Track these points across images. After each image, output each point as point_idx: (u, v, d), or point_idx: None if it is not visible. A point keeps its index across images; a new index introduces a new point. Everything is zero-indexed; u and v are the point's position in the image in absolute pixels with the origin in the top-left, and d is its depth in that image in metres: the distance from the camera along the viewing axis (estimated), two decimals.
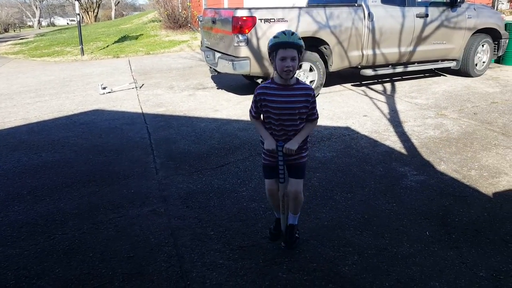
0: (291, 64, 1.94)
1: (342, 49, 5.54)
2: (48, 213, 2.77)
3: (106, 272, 2.15)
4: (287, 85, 2.03)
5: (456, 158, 3.51)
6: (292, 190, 2.16)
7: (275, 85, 2.06)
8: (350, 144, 3.91)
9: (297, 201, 2.21)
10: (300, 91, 2.05)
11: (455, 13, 6.22)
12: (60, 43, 14.87)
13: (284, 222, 2.28)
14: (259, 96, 2.08)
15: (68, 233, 2.52)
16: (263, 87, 2.09)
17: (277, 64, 1.97)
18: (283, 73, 1.96)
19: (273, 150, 2.06)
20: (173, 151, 3.86)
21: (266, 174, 2.23)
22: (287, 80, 2.01)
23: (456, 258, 2.20)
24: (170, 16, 14.79)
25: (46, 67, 9.82)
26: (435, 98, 5.53)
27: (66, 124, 4.84)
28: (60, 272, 2.16)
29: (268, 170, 2.20)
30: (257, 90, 2.10)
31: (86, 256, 2.29)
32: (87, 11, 36.09)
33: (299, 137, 2.09)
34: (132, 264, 2.21)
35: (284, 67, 1.94)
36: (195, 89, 6.54)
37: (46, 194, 3.05)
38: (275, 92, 2.04)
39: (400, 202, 2.79)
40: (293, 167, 2.16)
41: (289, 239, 2.27)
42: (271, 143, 2.07)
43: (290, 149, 2.03)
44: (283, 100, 2.03)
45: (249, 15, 4.97)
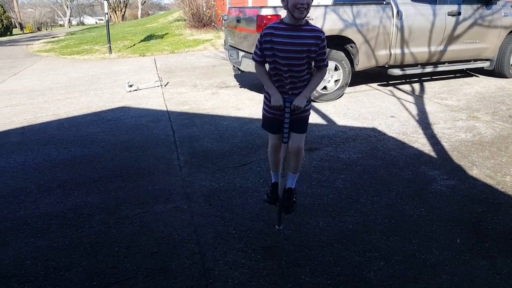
0: (305, 1, 1.80)
1: (369, 48, 5.41)
2: (76, 206, 2.84)
3: (130, 266, 2.18)
4: (296, 26, 1.90)
5: (489, 163, 3.36)
6: (295, 146, 2.06)
7: (283, 25, 1.92)
8: (377, 145, 3.81)
9: (299, 157, 2.11)
10: (310, 32, 1.92)
11: (490, 11, 5.97)
12: (89, 41, 15.29)
13: (282, 186, 2.19)
14: (265, 37, 1.94)
15: (95, 226, 2.58)
16: (270, 27, 1.95)
17: (290, 1, 1.82)
18: (296, 11, 1.82)
19: (280, 107, 1.95)
20: (196, 148, 3.88)
21: (270, 128, 2.13)
22: (298, 20, 1.87)
23: (490, 268, 2.10)
24: (195, 15, 14.92)
25: (75, 65, 10.12)
26: (466, 100, 5.33)
27: (95, 120, 4.96)
28: (87, 265, 2.21)
29: (272, 125, 2.10)
30: (264, 31, 1.95)
31: (112, 250, 2.32)
32: (115, 11, 36.95)
33: (307, 91, 1.98)
34: (156, 260, 2.22)
35: (298, 4, 1.80)
36: (218, 88, 6.57)
37: (75, 188, 3.13)
38: (283, 33, 1.90)
39: (429, 207, 2.69)
40: (297, 121, 2.05)
41: (287, 202, 2.20)
42: (278, 98, 1.95)
43: (298, 106, 1.93)
44: (291, 42, 1.89)
45: (274, 13, 4.93)
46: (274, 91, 1.98)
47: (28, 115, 5.28)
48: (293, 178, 2.22)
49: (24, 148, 4.04)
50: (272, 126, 2.11)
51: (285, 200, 2.20)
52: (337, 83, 5.42)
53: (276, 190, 2.23)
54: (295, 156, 2.11)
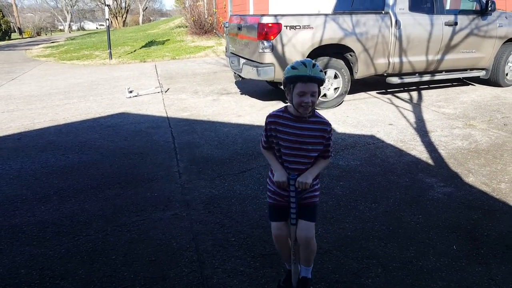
0: (310, 100, 1.71)
1: (368, 57, 5.47)
2: (73, 214, 2.83)
3: (128, 275, 2.17)
4: (301, 118, 1.81)
5: (485, 171, 3.39)
6: (303, 236, 1.85)
7: (288, 115, 1.82)
8: (375, 153, 3.84)
9: (309, 249, 1.90)
10: (316, 125, 1.82)
11: (485, 22, 6.05)
12: (89, 47, 15.34)
13: (295, 274, 1.95)
14: (270, 125, 1.84)
15: (92, 234, 2.57)
16: (275, 116, 1.85)
17: (294, 98, 1.73)
18: (301, 108, 1.74)
19: (284, 183, 1.80)
20: (196, 155, 3.89)
21: (273, 216, 1.94)
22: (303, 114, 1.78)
23: (485, 274, 2.12)
24: (196, 22, 15.03)
25: (75, 70, 10.15)
26: (463, 108, 5.38)
27: (93, 126, 4.97)
28: (83, 274, 2.19)
29: (275, 211, 1.92)
30: (269, 119, 1.86)
31: (109, 259, 2.31)
32: (116, 16, 37.13)
33: (312, 170, 1.85)
34: (154, 268, 2.22)
35: (303, 102, 1.71)
36: (219, 94, 6.60)
37: (72, 195, 3.12)
38: (288, 123, 1.81)
39: (426, 214, 2.71)
40: (304, 207, 1.87)
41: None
42: (282, 174, 1.82)
43: (304, 182, 1.78)
44: (296, 133, 1.80)
45: (275, 21, 4.98)
46: (278, 167, 1.86)
47: (25, 121, 5.28)
48: (307, 270, 1.99)
49: (20, 155, 4.02)
50: (274, 212, 1.93)
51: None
52: (337, 90, 5.47)
53: (289, 279, 1.99)
54: (305, 247, 1.89)
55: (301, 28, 5.05)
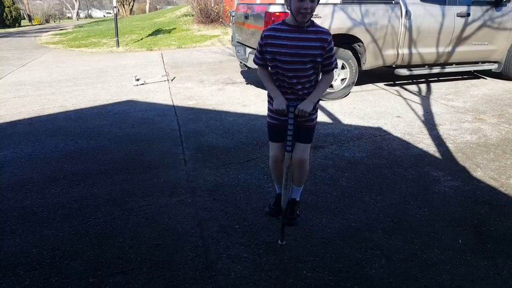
0: (309, 5, 1.66)
1: (376, 47, 5.40)
2: (82, 197, 2.88)
3: (135, 257, 2.21)
4: (300, 27, 1.74)
5: (494, 165, 3.35)
6: (298, 157, 1.89)
7: (286, 27, 1.76)
8: (381, 145, 3.82)
9: (302, 169, 1.95)
10: (316, 34, 1.75)
11: (499, 13, 5.92)
12: (97, 34, 15.36)
13: (285, 198, 2.04)
14: (265, 40, 1.77)
15: (101, 217, 2.61)
16: (271, 29, 1.78)
17: (293, 4, 1.68)
18: (299, 15, 1.69)
19: (283, 111, 1.77)
20: (201, 143, 3.90)
21: (272, 136, 1.95)
22: (302, 22, 1.73)
23: (490, 269, 2.11)
24: (203, 10, 14.94)
25: (83, 58, 10.19)
26: (473, 102, 5.30)
27: (101, 113, 5.00)
28: (92, 255, 2.24)
29: (275, 132, 1.92)
30: (265, 32, 1.79)
31: (117, 241, 2.36)
32: (123, 4, 36.99)
33: (313, 96, 1.81)
34: (160, 252, 2.25)
35: (301, 8, 1.65)
36: (225, 84, 6.59)
37: (81, 179, 3.16)
38: (285, 35, 1.74)
39: (432, 208, 2.70)
40: (301, 130, 1.86)
41: (290, 214, 2.06)
42: (281, 102, 1.78)
43: (304, 111, 1.74)
44: (294, 45, 1.73)
45: (282, 10, 4.93)
46: (277, 94, 1.83)
47: (35, 106, 5.34)
48: (297, 191, 2.08)
49: (31, 139, 4.09)
50: (274, 133, 1.94)
51: (288, 212, 2.06)
52: (344, 81, 5.42)
53: (279, 202, 2.07)
54: (298, 168, 1.95)
55: None
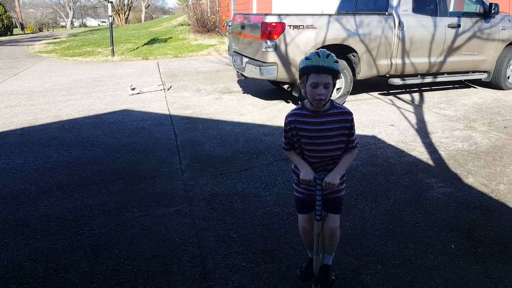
0: (323, 92, 1.66)
1: (370, 57, 5.49)
2: (76, 208, 2.86)
3: (131, 269, 2.21)
4: (319, 112, 1.76)
5: (484, 172, 3.42)
6: (328, 227, 1.89)
7: (306, 112, 1.78)
8: (376, 153, 3.87)
9: (333, 239, 1.94)
10: (336, 116, 1.76)
11: (488, 24, 6.08)
12: (92, 43, 15.36)
13: (317, 263, 1.98)
14: (290, 125, 1.80)
15: (96, 229, 2.60)
16: (294, 114, 1.80)
17: (308, 90, 1.69)
18: (315, 101, 1.70)
19: (310, 182, 1.76)
20: (198, 153, 3.92)
21: (300, 209, 1.96)
22: (318, 108, 1.75)
23: (482, 272, 2.16)
24: (199, 20, 15.05)
25: (77, 67, 10.17)
26: (464, 110, 5.40)
27: (96, 122, 5.00)
28: (87, 267, 2.22)
29: (302, 204, 1.94)
30: (288, 118, 1.81)
31: (112, 253, 2.35)
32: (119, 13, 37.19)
33: (339, 168, 1.80)
34: (156, 263, 2.26)
35: (316, 95, 1.66)
36: (222, 93, 6.63)
37: (75, 190, 3.15)
38: (308, 120, 1.76)
39: (426, 214, 2.75)
40: (330, 201, 1.87)
41: (325, 281, 1.99)
42: (308, 172, 1.77)
43: (331, 183, 1.74)
44: (316, 129, 1.75)
45: (279, 21, 5.01)
46: (303, 165, 1.81)
47: (28, 116, 5.31)
48: (329, 258, 2.03)
49: (23, 150, 4.05)
50: (301, 206, 1.94)
51: (322, 279, 1.99)
52: (339, 91, 5.50)
53: (311, 266, 2.01)
54: (330, 238, 1.93)
55: (304, 28, 5.08)
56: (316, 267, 2.00)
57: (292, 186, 3.10)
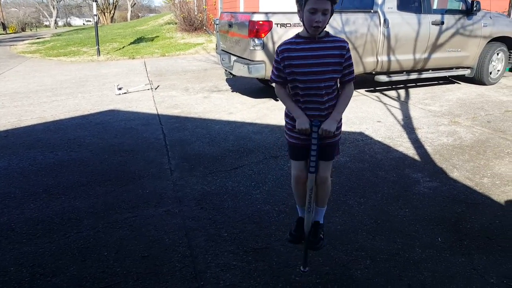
0: (321, 18, 1.63)
1: (357, 55, 5.54)
2: (63, 211, 2.82)
3: (120, 271, 2.19)
4: (315, 38, 1.71)
5: (469, 166, 3.49)
6: (320, 176, 1.84)
7: (301, 39, 1.74)
8: (364, 149, 3.91)
9: (325, 186, 1.90)
10: (332, 43, 1.73)
11: (470, 21, 6.19)
12: (77, 43, 15.13)
13: (308, 222, 1.94)
14: (282, 54, 1.74)
15: (83, 231, 2.57)
16: (286, 43, 1.76)
17: (305, 16, 1.65)
18: (311, 28, 1.66)
19: (307, 130, 1.72)
20: (187, 152, 3.91)
21: (294, 155, 1.87)
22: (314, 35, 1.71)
23: (468, 264, 2.21)
24: (186, 18, 14.96)
25: (62, 67, 10.00)
26: (448, 106, 5.50)
27: (82, 123, 4.94)
28: (75, 270, 2.19)
29: (297, 150, 1.86)
30: (280, 47, 1.76)
31: (101, 255, 2.32)
32: (104, 12, 36.68)
33: (337, 113, 1.77)
34: (146, 264, 2.24)
35: (313, 21, 1.63)
36: (210, 92, 6.61)
37: (62, 193, 3.10)
38: (302, 47, 1.72)
39: (413, 208, 2.80)
40: (324, 147, 1.81)
41: (313, 238, 1.95)
42: (304, 121, 1.72)
43: (328, 130, 1.70)
44: (312, 55, 1.71)
45: (266, 19, 5.02)
46: (299, 112, 1.75)
47: (11, 118, 5.20)
48: (321, 212, 2.01)
49: (7, 152, 3.97)
50: (296, 152, 1.86)
51: (311, 235, 1.95)
52: None
53: (301, 227, 1.97)
54: (321, 185, 1.90)
55: (291, 26, 5.10)
56: (308, 225, 1.95)
57: (281, 183, 3.15)
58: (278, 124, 4.70)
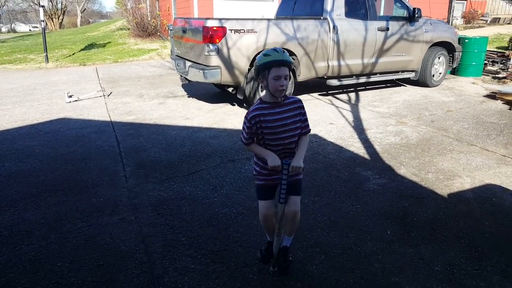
0: (285, 83, 1.86)
1: (309, 60, 5.74)
2: (13, 223, 2.70)
3: (75, 280, 2.14)
4: (278, 103, 1.95)
5: (414, 163, 3.73)
6: (292, 210, 2.02)
7: (266, 105, 1.95)
8: (317, 150, 4.06)
9: (295, 220, 2.07)
10: (291, 105, 1.98)
11: (413, 27, 6.62)
12: (23, 50, 14.33)
13: (277, 245, 2.11)
14: (254, 119, 1.93)
15: (35, 243, 2.47)
16: (256, 109, 1.95)
17: (270, 83, 1.86)
18: (277, 92, 1.88)
19: (278, 167, 1.89)
20: (143, 159, 3.85)
21: (264, 195, 2.05)
22: (278, 98, 1.93)
23: (415, 254, 2.36)
24: (139, 24, 14.69)
25: (7, 75, 9.44)
26: (395, 107, 5.83)
27: (31, 133, 4.71)
28: (27, 283, 2.12)
29: (265, 191, 2.05)
30: (250, 114, 1.95)
31: (54, 266, 2.26)
32: (52, 18, 35.03)
33: (301, 153, 1.98)
34: (102, 272, 2.20)
35: (279, 86, 1.85)
36: (166, 97, 6.54)
37: (11, 205, 2.97)
38: (269, 112, 1.94)
39: (364, 204, 2.95)
40: (292, 184, 2.00)
41: (283, 262, 2.14)
42: (276, 159, 1.91)
43: (297, 167, 1.91)
44: (278, 118, 1.93)
45: (220, 25, 5.06)
46: (268, 153, 1.95)
47: None
48: (288, 239, 2.17)
49: None
50: (265, 192, 2.05)
51: (281, 259, 2.14)
52: None
53: (270, 249, 2.15)
54: (292, 220, 2.06)
55: (245, 32, 5.19)
56: (276, 248, 2.12)
57: (239, 186, 3.20)
58: (235, 129, 4.75)
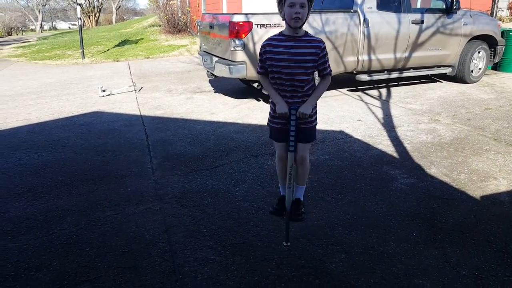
0: (300, 10, 1.85)
1: (337, 54, 5.63)
2: (47, 209, 2.86)
3: (102, 265, 2.23)
4: (295, 37, 1.94)
5: (446, 162, 3.58)
6: (299, 155, 2.06)
7: (282, 37, 1.97)
8: (343, 147, 3.99)
9: (303, 166, 2.11)
10: (309, 43, 1.96)
11: (451, 20, 6.32)
12: (62, 46, 15.01)
13: (289, 199, 2.15)
14: (264, 49, 1.98)
15: (66, 228, 2.61)
16: (269, 39, 1.99)
17: (286, 11, 1.89)
18: (292, 21, 1.88)
19: (286, 114, 1.94)
20: (169, 152, 3.94)
21: (276, 137, 2.11)
22: (296, 30, 1.92)
23: (441, 257, 2.27)
24: (170, 20, 14.96)
25: (47, 70, 9.94)
26: (429, 104, 5.62)
27: (66, 125, 4.93)
28: (58, 265, 2.24)
29: (278, 134, 2.10)
30: (263, 43, 2.01)
31: (83, 251, 2.36)
32: (89, 15, 36.39)
33: (312, 99, 2.00)
34: (127, 259, 2.28)
35: (293, 14, 1.86)
36: (193, 93, 6.64)
37: (46, 192, 3.13)
38: (282, 44, 1.95)
39: (389, 204, 2.87)
40: (302, 131, 2.04)
41: (296, 211, 2.17)
42: (283, 106, 1.95)
43: (304, 113, 1.93)
44: (290, 52, 1.93)
45: (246, 20, 5.06)
46: (279, 99, 1.99)
47: None
48: (301, 190, 2.21)
49: None
50: (277, 135, 2.10)
51: (293, 209, 2.17)
52: None
53: (283, 203, 2.18)
54: (299, 165, 2.10)
55: (271, 27, 5.16)
56: (288, 201, 2.16)
57: (261, 181, 3.21)
58: (260, 124, 4.75)
